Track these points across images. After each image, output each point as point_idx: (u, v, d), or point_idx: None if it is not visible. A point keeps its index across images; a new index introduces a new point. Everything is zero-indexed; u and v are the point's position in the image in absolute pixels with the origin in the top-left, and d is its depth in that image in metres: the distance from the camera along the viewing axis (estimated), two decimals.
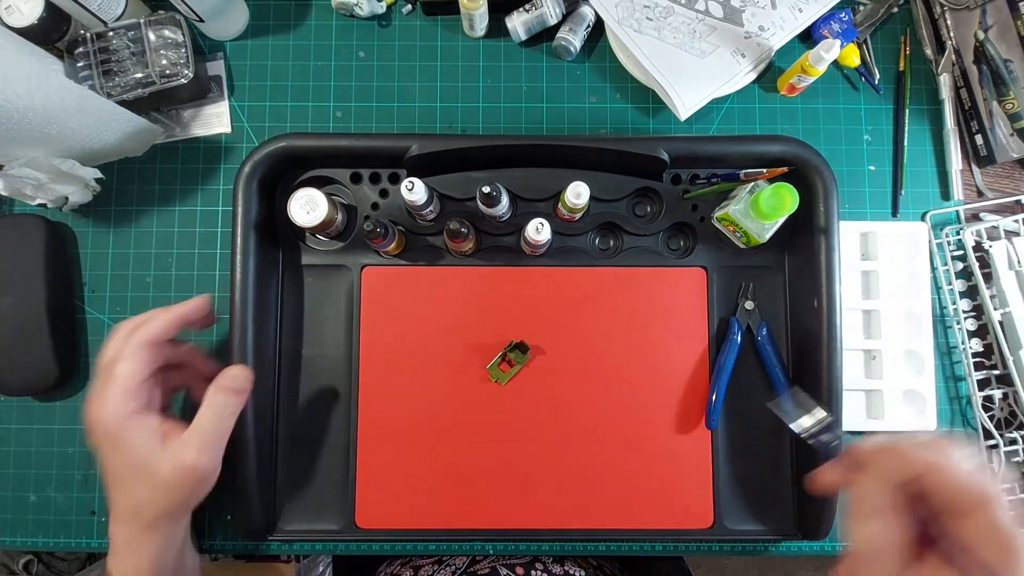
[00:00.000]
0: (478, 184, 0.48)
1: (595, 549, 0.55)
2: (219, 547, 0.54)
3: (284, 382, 0.53)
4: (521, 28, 0.56)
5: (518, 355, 0.52)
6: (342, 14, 0.58)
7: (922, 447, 0.30)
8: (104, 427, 0.40)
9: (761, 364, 0.54)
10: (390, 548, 0.54)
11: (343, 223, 0.53)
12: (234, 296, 0.49)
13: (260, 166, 0.50)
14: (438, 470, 0.53)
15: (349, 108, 0.58)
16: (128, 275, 0.56)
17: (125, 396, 0.40)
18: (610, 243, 0.55)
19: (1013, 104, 0.55)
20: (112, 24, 0.53)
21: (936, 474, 0.30)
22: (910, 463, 0.30)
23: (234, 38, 0.58)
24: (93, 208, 0.57)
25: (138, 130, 0.54)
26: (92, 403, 0.40)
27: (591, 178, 0.50)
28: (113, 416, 0.39)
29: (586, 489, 0.53)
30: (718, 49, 0.55)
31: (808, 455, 0.51)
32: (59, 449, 0.55)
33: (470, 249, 0.53)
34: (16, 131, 0.46)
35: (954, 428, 0.56)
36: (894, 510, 0.31)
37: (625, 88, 0.58)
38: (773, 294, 0.54)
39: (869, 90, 0.58)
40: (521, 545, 0.55)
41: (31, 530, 0.55)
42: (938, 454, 0.30)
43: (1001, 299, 0.55)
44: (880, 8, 0.57)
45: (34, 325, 0.52)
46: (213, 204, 0.57)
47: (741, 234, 0.51)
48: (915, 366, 0.55)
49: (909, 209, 0.58)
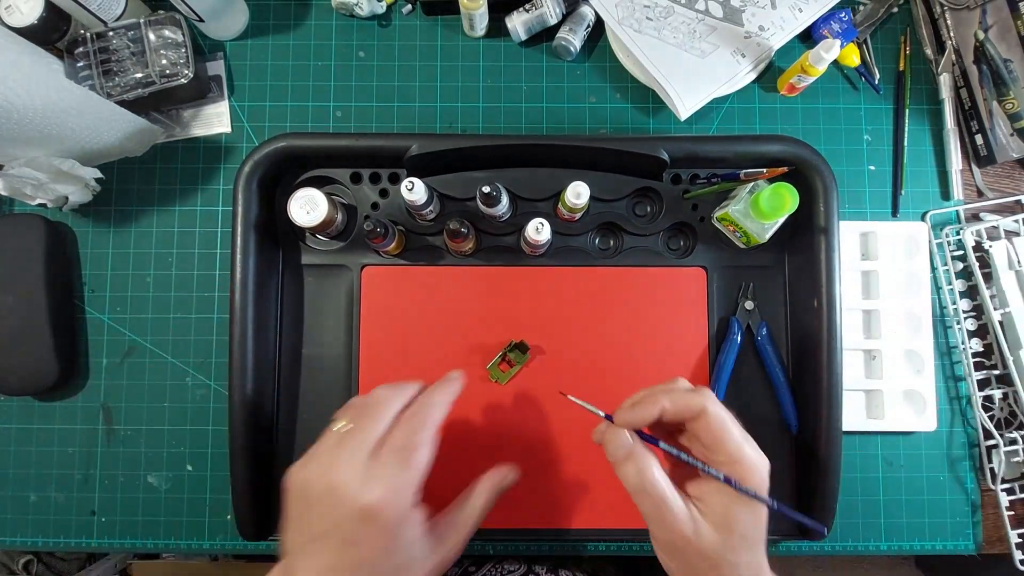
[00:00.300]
0: (478, 184, 0.48)
1: (595, 549, 0.55)
2: (219, 547, 0.54)
3: (284, 382, 0.53)
4: (521, 28, 0.56)
5: (518, 355, 0.52)
6: (342, 14, 0.58)
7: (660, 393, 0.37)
8: (390, 519, 0.34)
9: (761, 364, 0.54)
10: None
11: (343, 223, 0.53)
12: (234, 296, 0.49)
13: (260, 166, 0.50)
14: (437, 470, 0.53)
15: (349, 108, 0.58)
16: (128, 275, 0.56)
17: (415, 490, 0.35)
18: (610, 243, 0.55)
19: (1013, 104, 0.55)
20: (112, 24, 0.53)
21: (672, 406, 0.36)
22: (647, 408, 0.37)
23: (234, 38, 0.58)
24: (93, 208, 0.57)
25: (138, 130, 0.54)
26: (378, 491, 0.34)
27: (591, 178, 0.50)
28: (402, 507, 0.34)
29: (586, 489, 0.52)
30: (718, 49, 0.55)
31: (807, 456, 0.51)
32: (59, 449, 0.55)
33: (470, 249, 0.53)
34: (16, 131, 0.46)
35: (954, 428, 0.56)
36: (639, 449, 0.37)
37: (625, 88, 0.58)
38: (773, 294, 0.54)
39: (869, 90, 0.58)
40: (521, 545, 0.55)
41: (31, 530, 0.55)
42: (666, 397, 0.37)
43: (1001, 299, 0.55)
44: (880, 8, 0.57)
45: (34, 325, 0.52)
46: (213, 204, 0.57)
47: (741, 234, 0.51)
48: (915, 366, 0.55)
49: (909, 209, 0.58)
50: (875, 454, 0.56)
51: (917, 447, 0.56)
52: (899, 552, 0.55)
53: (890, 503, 0.55)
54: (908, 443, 0.56)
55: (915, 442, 0.56)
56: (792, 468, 0.53)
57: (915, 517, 0.55)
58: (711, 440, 0.36)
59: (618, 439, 0.37)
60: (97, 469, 0.55)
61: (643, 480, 0.36)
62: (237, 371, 0.49)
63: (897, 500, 0.55)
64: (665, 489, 0.36)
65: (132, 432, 0.55)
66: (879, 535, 0.55)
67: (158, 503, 0.55)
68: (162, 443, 0.55)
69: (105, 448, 0.55)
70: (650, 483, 0.36)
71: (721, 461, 0.36)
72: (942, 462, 0.56)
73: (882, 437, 0.56)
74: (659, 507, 0.35)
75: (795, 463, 0.53)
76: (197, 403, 0.55)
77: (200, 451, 0.55)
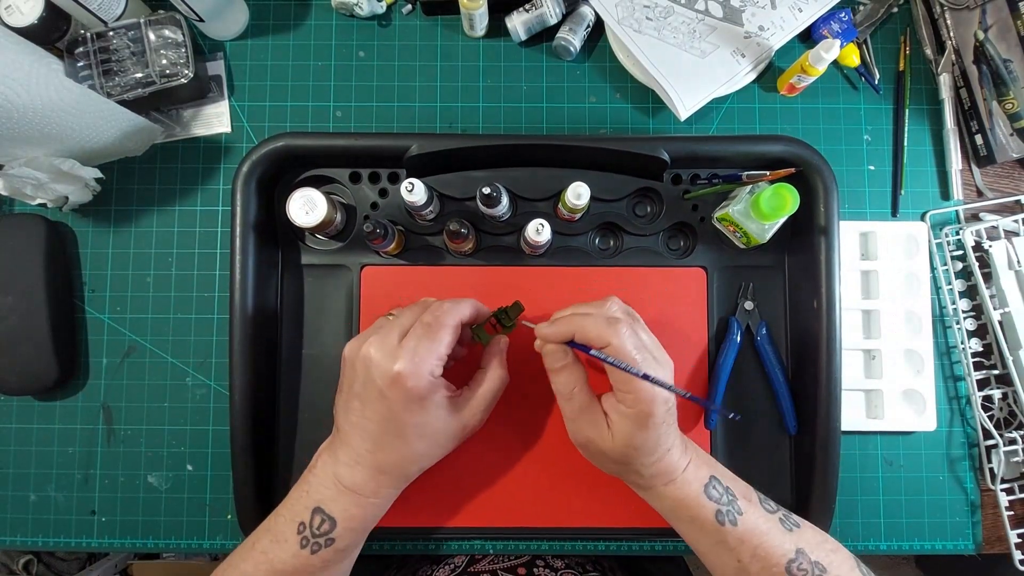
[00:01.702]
0: (478, 184, 0.48)
1: (595, 548, 0.55)
2: (219, 547, 0.55)
3: (284, 382, 0.53)
4: (521, 28, 0.56)
5: (507, 319, 0.49)
6: (342, 14, 0.58)
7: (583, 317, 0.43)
8: (412, 384, 0.40)
9: (761, 364, 0.54)
10: (389, 548, 0.54)
11: (342, 223, 0.53)
12: (234, 296, 0.49)
13: (259, 165, 0.50)
14: (438, 468, 0.53)
15: (349, 108, 0.58)
16: (128, 275, 0.56)
17: (438, 362, 0.41)
18: (610, 243, 0.55)
19: (1013, 104, 0.55)
20: (112, 24, 0.53)
21: (582, 332, 0.42)
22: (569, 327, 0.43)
23: (234, 38, 0.58)
24: (93, 208, 0.57)
25: (138, 130, 0.54)
26: (402, 361, 0.40)
27: (591, 178, 0.50)
28: (427, 376, 0.41)
29: (586, 488, 0.53)
30: (718, 49, 0.55)
31: (807, 456, 0.51)
32: (59, 449, 0.55)
33: (470, 249, 0.53)
34: (16, 131, 0.46)
35: (953, 428, 0.56)
36: (571, 363, 0.44)
37: (625, 88, 0.58)
38: (773, 294, 0.54)
39: (869, 90, 0.58)
40: (520, 544, 0.55)
41: (31, 530, 0.55)
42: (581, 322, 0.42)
43: (1000, 299, 0.55)
44: (880, 8, 0.57)
45: (34, 325, 0.52)
46: (213, 204, 0.57)
47: (741, 234, 0.51)
48: (915, 366, 0.56)
49: (909, 209, 0.58)
50: (875, 454, 0.56)
51: (917, 447, 0.56)
52: (899, 552, 0.55)
53: (890, 503, 0.55)
54: (908, 443, 0.56)
55: (915, 442, 0.56)
56: (791, 468, 0.53)
57: (915, 517, 0.55)
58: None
59: (556, 353, 0.44)
60: (97, 469, 0.55)
61: (570, 391, 0.44)
62: (237, 371, 0.49)
63: (897, 500, 0.55)
64: (587, 400, 0.44)
65: (132, 432, 0.55)
66: (879, 535, 0.55)
67: (158, 503, 0.55)
68: (162, 443, 0.55)
69: (105, 448, 0.55)
70: (575, 393, 0.44)
71: (616, 380, 0.42)
72: (942, 462, 0.56)
73: (882, 437, 0.56)
74: (579, 414, 0.44)
75: (794, 463, 0.53)
76: (197, 403, 0.55)
77: (200, 451, 0.55)
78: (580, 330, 0.42)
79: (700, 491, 0.42)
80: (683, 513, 0.43)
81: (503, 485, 0.53)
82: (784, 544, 0.41)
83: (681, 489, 0.43)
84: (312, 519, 0.42)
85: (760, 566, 0.41)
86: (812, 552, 0.41)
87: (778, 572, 0.40)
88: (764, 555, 0.41)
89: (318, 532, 0.41)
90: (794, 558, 0.41)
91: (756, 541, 0.41)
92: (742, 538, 0.41)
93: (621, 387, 0.41)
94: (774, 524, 0.42)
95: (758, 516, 0.42)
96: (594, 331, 0.41)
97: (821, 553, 0.42)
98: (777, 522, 0.42)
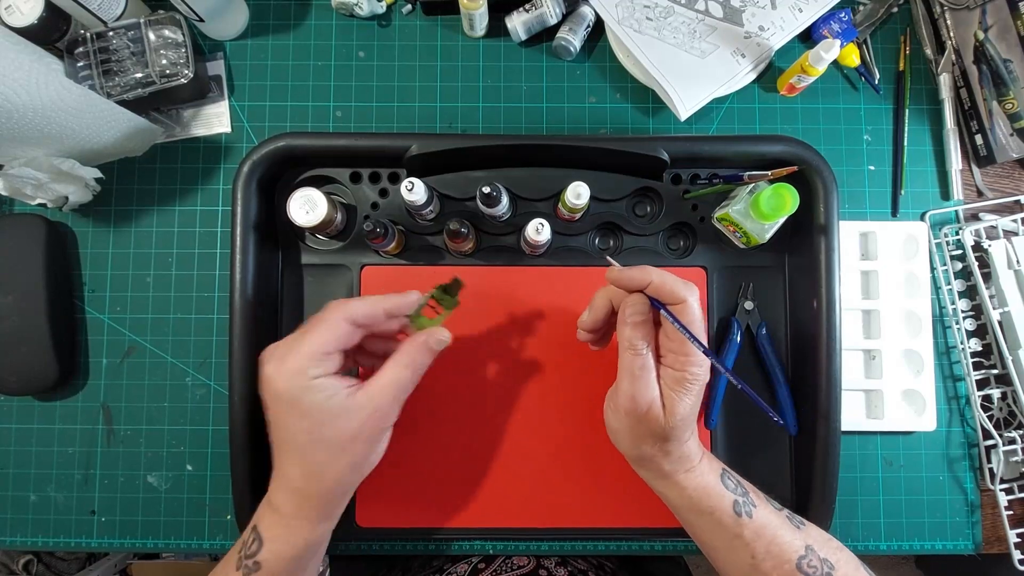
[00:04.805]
0: (478, 184, 0.48)
1: (595, 548, 0.55)
2: (219, 547, 0.55)
3: None
4: (521, 28, 0.56)
5: (447, 300, 0.46)
6: (342, 14, 0.58)
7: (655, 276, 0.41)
8: (278, 388, 0.38)
9: (761, 364, 0.54)
10: (390, 548, 0.54)
11: (343, 223, 0.53)
12: (234, 296, 0.49)
13: (259, 165, 0.50)
14: (439, 469, 0.53)
15: (349, 108, 0.58)
16: (128, 275, 0.56)
17: (308, 360, 0.38)
18: (610, 243, 0.55)
19: (1013, 104, 0.55)
20: (112, 24, 0.53)
21: (660, 282, 0.41)
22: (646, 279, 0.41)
23: (234, 38, 0.58)
24: (93, 208, 0.57)
25: (138, 130, 0.54)
26: (270, 364, 0.39)
27: (591, 178, 0.50)
28: (292, 377, 0.38)
29: (586, 488, 0.53)
30: (718, 49, 0.55)
31: (807, 456, 0.51)
32: (59, 449, 0.55)
33: (470, 249, 0.53)
34: (16, 131, 0.46)
35: (953, 428, 0.56)
36: (651, 319, 0.42)
37: (625, 88, 0.58)
38: (773, 294, 0.54)
39: (869, 90, 0.58)
40: (521, 544, 0.55)
41: (31, 530, 0.55)
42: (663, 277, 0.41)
43: (1000, 299, 0.55)
44: (880, 8, 0.57)
45: (34, 325, 0.52)
46: (213, 204, 0.57)
47: (741, 234, 0.51)
48: (914, 366, 0.56)
49: (909, 209, 0.58)
50: (874, 454, 0.56)
51: (916, 447, 0.56)
52: (899, 552, 0.55)
53: (889, 503, 0.55)
54: (907, 443, 0.56)
55: (914, 442, 0.56)
56: (791, 468, 0.54)
57: (914, 517, 0.55)
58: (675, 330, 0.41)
59: (639, 304, 0.42)
60: (97, 469, 0.55)
61: (644, 347, 0.41)
62: (237, 371, 0.49)
63: (896, 500, 0.55)
64: (651, 361, 0.41)
65: (132, 432, 0.55)
66: (879, 535, 0.55)
67: (158, 503, 0.55)
68: (162, 443, 0.55)
69: (105, 448, 0.55)
70: (646, 352, 0.41)
71: (674, 349, 0.41)
72: (941, 462, 0.56)
73: (881, 437, 0.56)
74: (643, 372, 0.41)
75: (794, 463, 0.53)
76: (197, 403, 0.55)
77: (200, 451, 0.55)
78: (660, 281, 0.40)
79: (718, 480, 0.42)
80: (703, 503, 0.42)
81: (504, 485, 0.53)
82: (794, 541, 0.41)
83: (703, 476, 0.42)
84: (248, 538, 0.41)
85: (773, 563, 0.40)
86: (820, 550, 0.41)
87: (789, 569, 0.40)
88: (777, 551, 0.40)
89: (248, 552, 0.40)
90: (804, 555, 0.41)
91: (770, 535, 0.41)
92: (757, 532, 0.41)
93: (676, 348, 0.41)
94: (783, 520, 0.42)
95: (768, 511, 0.42)
96: (671, 285, 0.40)
97: (828, 551, 0.41)
98: (785, 519, 0.43)
